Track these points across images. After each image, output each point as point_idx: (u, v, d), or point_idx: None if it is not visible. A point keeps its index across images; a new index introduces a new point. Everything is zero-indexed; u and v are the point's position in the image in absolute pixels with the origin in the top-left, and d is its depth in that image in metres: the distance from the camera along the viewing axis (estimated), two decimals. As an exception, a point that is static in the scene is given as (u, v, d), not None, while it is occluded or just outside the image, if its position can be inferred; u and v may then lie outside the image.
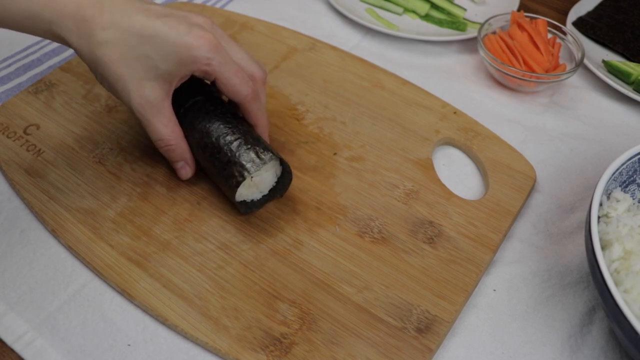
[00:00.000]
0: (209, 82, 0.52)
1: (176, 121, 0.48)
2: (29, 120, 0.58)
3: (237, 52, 0.49)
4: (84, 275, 0.48)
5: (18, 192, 0.53)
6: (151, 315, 0.45)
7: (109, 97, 0.60)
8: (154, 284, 0.46)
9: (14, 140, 0.56)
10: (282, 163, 0.48)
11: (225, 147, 0.47)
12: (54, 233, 0.50)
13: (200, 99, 0.50)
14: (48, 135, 0.57)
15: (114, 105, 0.60)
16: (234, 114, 0.50)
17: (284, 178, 0.49)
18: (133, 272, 0.47)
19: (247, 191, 0.48)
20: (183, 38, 0.44)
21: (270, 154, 0.47)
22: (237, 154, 0.47)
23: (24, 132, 0.57)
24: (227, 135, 0.48)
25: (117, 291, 0.47)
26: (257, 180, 0.48)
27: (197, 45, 0.44)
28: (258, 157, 0.47)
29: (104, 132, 0.57)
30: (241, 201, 0.48)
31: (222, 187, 0.49)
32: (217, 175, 0.49)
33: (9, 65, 0.66)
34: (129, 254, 0.48)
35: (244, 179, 0.46)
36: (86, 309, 0.46)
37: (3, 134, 0.57)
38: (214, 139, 0.48)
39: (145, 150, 0.56)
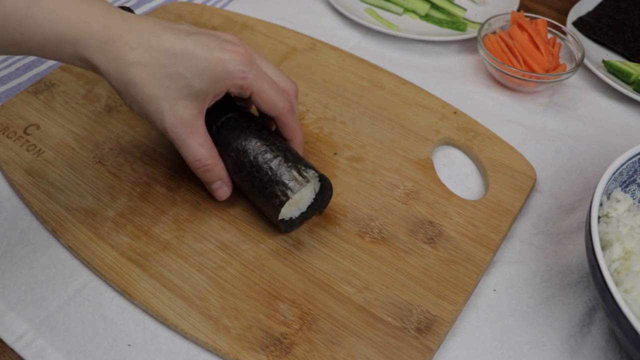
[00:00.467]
0: (238, 100, 0.51)
1: (211, 140, 0.47)
2: (29, 120, 0.58)
3: (269, 67, 0.48)
4: (84, 275, 0.48)
5: (18, 192, 0.53)
6: (151, 315, 0.45)
7: (109, 97, 0.60)
8: (154, 284, 0.46)
9: (14, 140, 0.56)
10: (322, 179, 0.47)
11: (265, 166, 0.46)
12: (54, 233, 0.50)
13: (232, 115, 0.49)
14: (48, 135, 0.57)
15: (114, 105, 0.60)
16: (269, 130, 0.49)
17: (323, 194, 0.48)
18: (133, 272, 0.47)
19: (287, 210, 0.47)
20: (216, 54, 0.43)
21: (313, 171, 0.46)
22: (278, 173, 0.45)
23: (24, 132, 0.57)
24: (266, 152, 0.46)
25: (117, 291, 0.47)
26: (297, 198, 0.47)
27: (231, 59, 0.43)
28: (300, 175, 0.45)
29: (104, 132, 0.57)
30: (281, 220, 0.47)
31: (263, 206, 0.48)
32: (257, 195, 0.47)
33: (9, 65, 0.66)
34: (129, 254, 0.48)
35: (288, 198, 0.45)
36: (86, 309, 0.46)
37: (3, 134, 0.57)
38: (251, 157, 0.47)
39: (145, 150, 0.56)
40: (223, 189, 0.49)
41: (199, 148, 0.46)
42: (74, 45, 0.42)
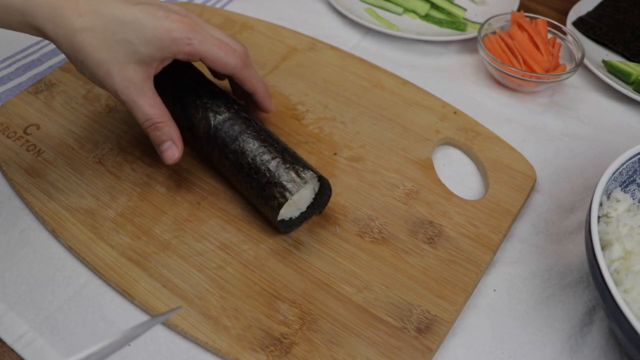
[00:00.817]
0: (230, 94, 0.52)
1: (161, 101, 0.48)
2: (29, 120, 0.58)
3: (215, 31, 0.50)
4: (84, 275, 0.48)
5: (18, 192, 0.53)
6: (151, 315, 0.45)
7: (109, 97, 0.60)
8: (154, 284, 0.46)
9: (14, 140, 0.56)
10: (321, 179, 0.47)
11: (263, 167, 0.46)
12: (54, 233, 0.50)
13: (230, 116, 0.49)
14: (48, 135, 0.57)
15: (114, 105, 0.60)
16: (267, 131, 0.49)
17: (323, 194, 0.48)
18: (133, 272, 0.47)
19: (286, 210, 0.47)
20: (162, 23, 0.45)
21: (311, 172, 0.46)
22: (276, 174, 0.45)
23: (24, 132, 0.57)
24: (264, 154, 0.47)
25: (117, 291, 0.47)
26: (296, 199, 0.47)
27: (176, 27, 0.45)
28: (299, 176, 0.45)
29: (104, 132, 0.57)
30: (280, 220, 0.47)
31: (262, 208, 0.48)
32: (256, 196, 0.47)
33: (9, 65, 0.66)
34: (129, 254, 0.48)
35: (287, 200, 0.45)
36: (86, 309, 0.46)
37: (3, 134, 0.57)
38: (249, 159, 0.47)
39: (145, 150, 0.56)
40: (172, 150, 0.49)
41: (149, 108, 0.47)
42: (23, 13, 0.44)
